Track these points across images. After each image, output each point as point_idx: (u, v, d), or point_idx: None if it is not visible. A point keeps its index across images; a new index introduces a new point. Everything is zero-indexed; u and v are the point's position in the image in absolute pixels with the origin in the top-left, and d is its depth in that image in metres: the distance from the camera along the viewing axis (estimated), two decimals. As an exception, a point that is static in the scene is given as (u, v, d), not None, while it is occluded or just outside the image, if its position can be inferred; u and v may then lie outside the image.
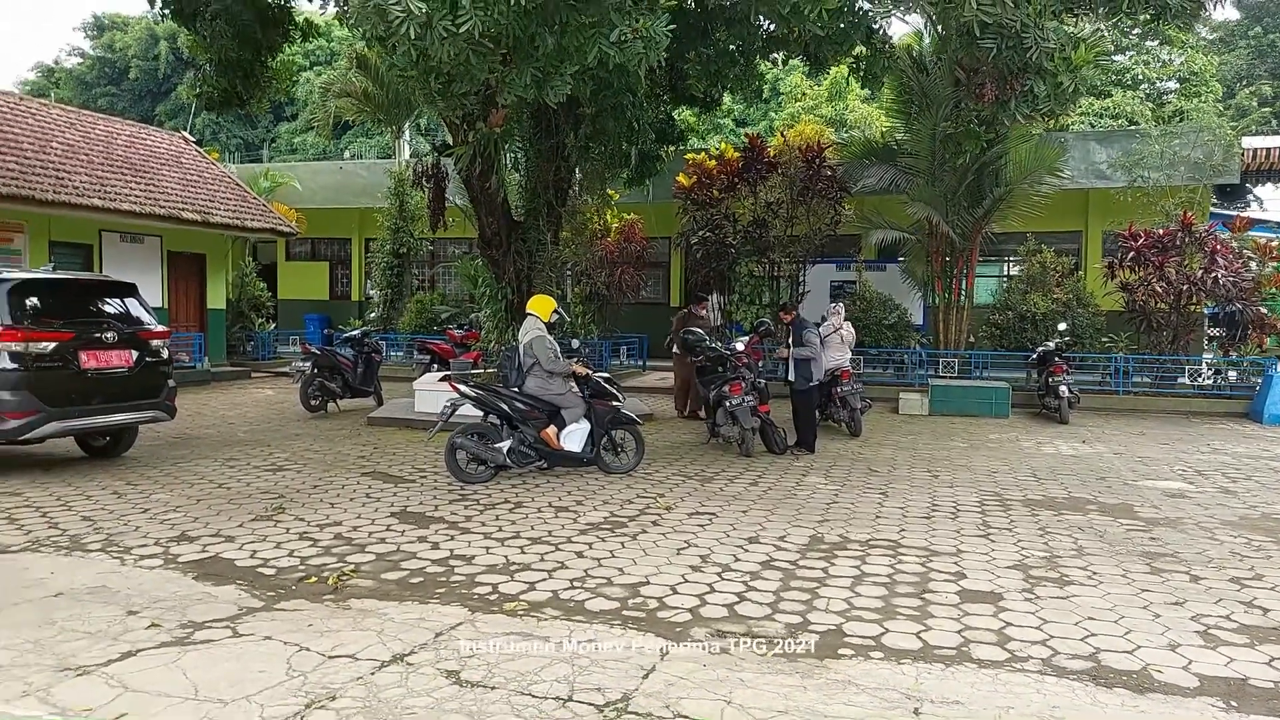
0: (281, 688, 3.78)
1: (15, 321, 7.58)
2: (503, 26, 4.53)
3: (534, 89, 5.11)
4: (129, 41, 44.13)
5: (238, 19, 9.02)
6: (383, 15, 4.22)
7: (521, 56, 4.97)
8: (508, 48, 4.84)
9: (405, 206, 19.92)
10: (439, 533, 6.40)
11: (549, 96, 5.18)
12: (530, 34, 4.72)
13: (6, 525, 6.37)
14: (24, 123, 15.16)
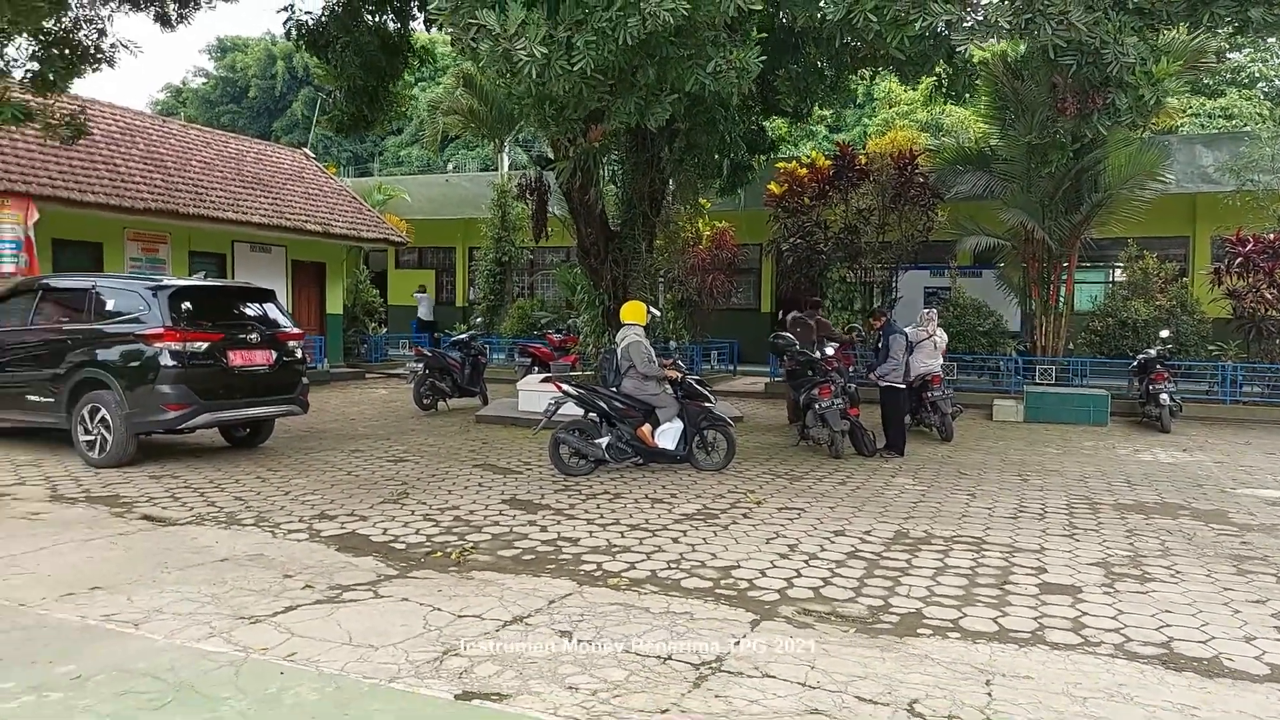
0: (421, 639, 4.38)
1: (174, 324, 8.53)
2: (610, 62, 5.06)
3: (637, 115, 5.62)
4: (249, 62, 47.03)
5: (365, 49, 9.90)
6: (508, 59, 4.80)
7: (625, 87, 5.48)
8: (614, 79, 5.36)
9: (507, 217, 20.85)
10: (546, 518, 6.98)
11: (650, 121, 5.67)
12: (634, 67, 5.23)
13: (172, 503, 7.25)
14: (168, 143, 16.65)
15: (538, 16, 4.79)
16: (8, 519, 6.56)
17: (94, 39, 8.75)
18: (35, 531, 6.21)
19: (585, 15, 4.82)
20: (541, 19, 4.79)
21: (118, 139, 15.33)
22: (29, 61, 8.80)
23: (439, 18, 5.05)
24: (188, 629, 4.42)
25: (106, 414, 8.47)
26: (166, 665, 3.95)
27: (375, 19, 10.50)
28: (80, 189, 13.11)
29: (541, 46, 4.73)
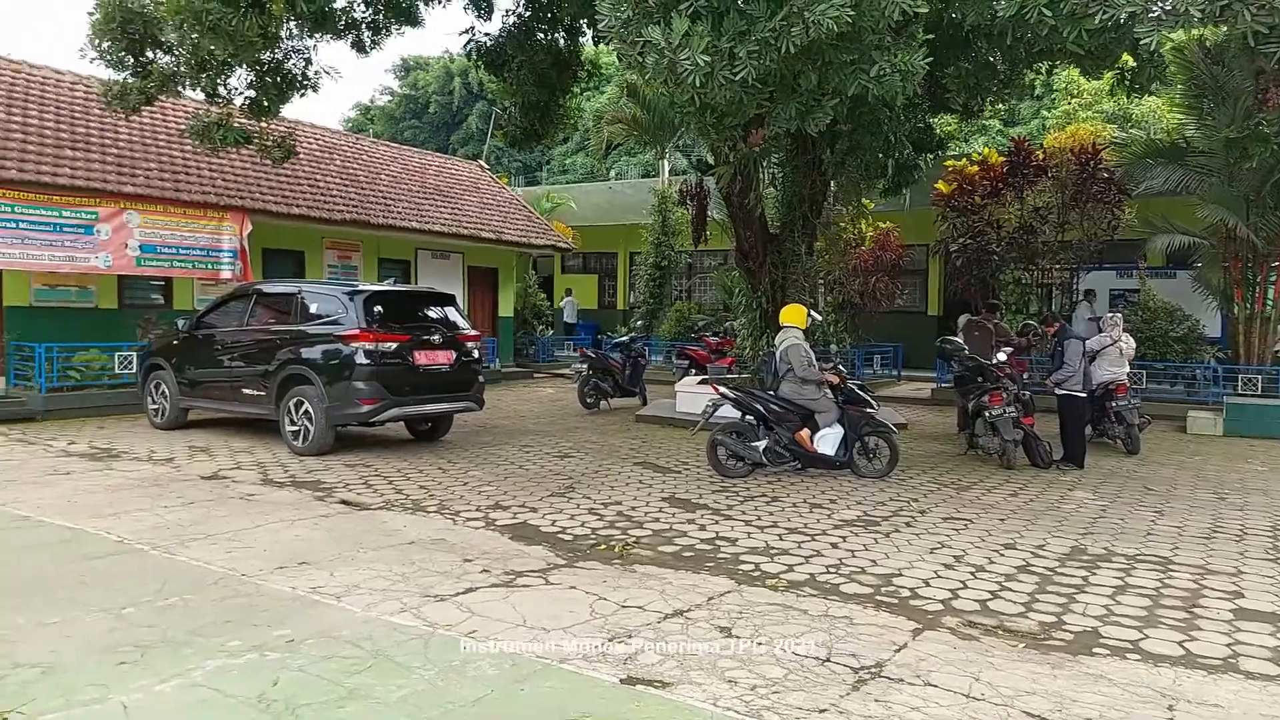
0: (588, 624, 4.63)
1: (368, 326, 9.31)
2: (771, 69, 5.14)
3: (797, 120, 5.66)
4: (429, 80, 50.05)
5: (538, 66, 10.44)
6: (673, 70, 4.99)
7: (786, 93, 5.54)
8: (774, 86, 5.43)
9: (667, 221, 21.21)
10: (705, 517, 7.13)
11: (810, 126, 5.70)
12: (795, 73, 5.29)
13: (365, 489, 7.93)
14: (360, 159, 18.08)
15: (702, 29, 4.94)
16: (229, 499, 7.39)
17: (301, 67, 9.75)
18: (250, 511, 6.98)
19: (749, 26, 4.93)
20: (706, 31, 4.94)
21: (318, 156, 16.80)
22: (247, 90, 9.90)
23: (609, 34, 5.30)
24: (382, 604, 4.86)
25: (309, 407, 9.35)
26: (365, 635, 4.38)
27: (548, 37, 11.04)
28: (286, 203, 14.48)
29: (705, 56, 4.88)
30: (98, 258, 11.74)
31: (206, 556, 5.67)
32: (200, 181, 13.46)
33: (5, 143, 11.51)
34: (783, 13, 4.80)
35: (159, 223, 12.35)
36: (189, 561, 5.56)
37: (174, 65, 9.08)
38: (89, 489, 7.58)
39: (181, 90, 10.01)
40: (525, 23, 10.85)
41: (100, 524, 6.40)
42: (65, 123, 12.79)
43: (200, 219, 12.88)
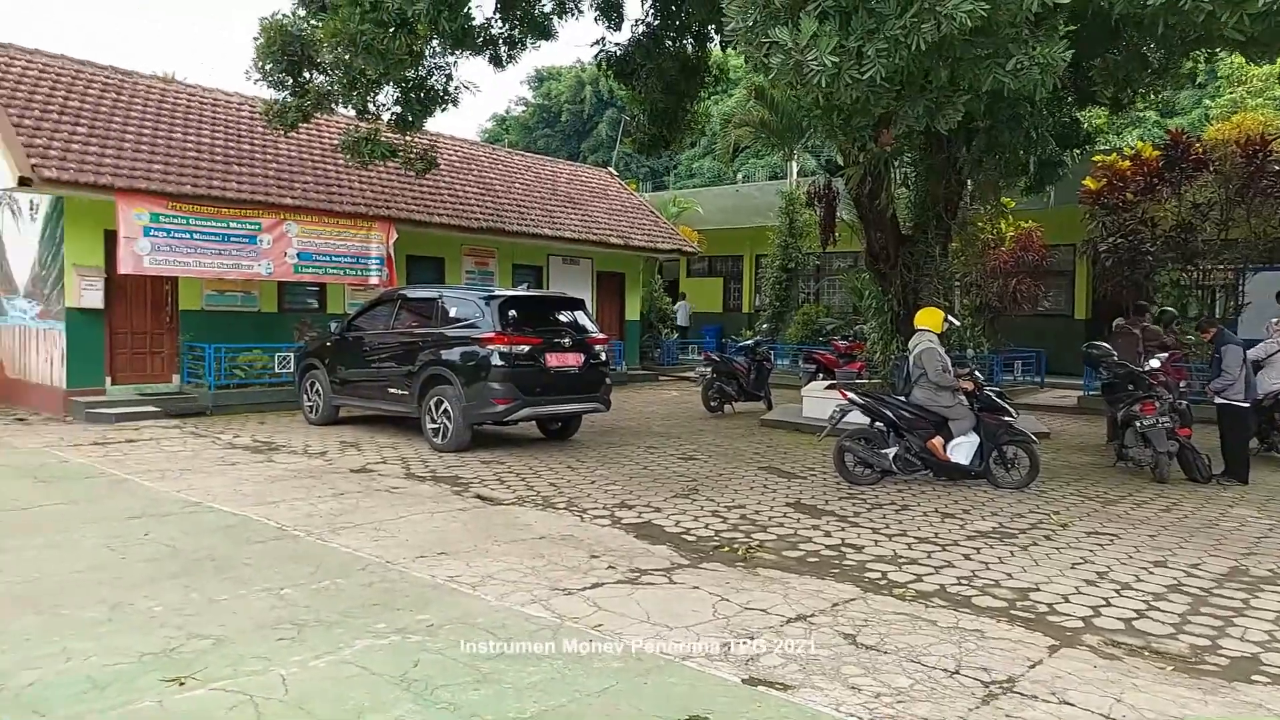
0: (710, 624, 4.69)
1: (503, 329, 9.69)
2: (900, 68, 5.05)
3: (926, 118, 5.53)
4: (562, 89, 51.34)
5: (666, 73, 10.59)
6: (799, 71, 4.98)
7: (915, 90, 5.43)
8: (902, 83, 5.33)
9: (794, 223, 20.99)
10: (830, 524, 7.05)
11: (941, 124, 5.56)
12: (925, 70, 5.17)
13: (499, 485, 8.26)
14: (496, 169, 18.79)
15: (829, 28, 4.91)
16: (375, 491, 7.86)
17: (442, 83, 10.27)
18: (395, 503, 7.40)
19: (877, 24, 4.87)
20: (833, 30, 4.91)
21: (457, 167, 17.58)
22: (393, 106, 10.51)
23: (735, 38, 5.34)
24: (513, 594, 5.08)
25: (448, 405, 9.82)
26: (498, 623, 4.59)
27: (676, 44, 11.19)
28: (428, 212, 15.23)
29: (833, 57, 4.85)
30: (260, 265, 12.71)
31: (355, 544, 6.06)
32: (351, 193, 14.34)
33: (182, 160, 12.63)
34: (914, 9, 4.71)
35: (314, 232, 13.25)
36: (339, 548, 5.96)
37: (328, 84, 9.78)
38: (252, 479, 8.22)
39: (334, 108, 10.73)
40: (654, 31, 11.03)
41: (262, 511, 6.94)
42: (233, 140, 13.91)
43: (351, 228, 13.72)
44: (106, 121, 12.46)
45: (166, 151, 12.61)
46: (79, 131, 11.89)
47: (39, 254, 12.43)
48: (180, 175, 12.24)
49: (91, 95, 12.87)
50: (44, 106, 11.98)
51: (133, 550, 5.78)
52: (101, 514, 6.73)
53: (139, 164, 11.97)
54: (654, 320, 21.67)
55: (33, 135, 11.23)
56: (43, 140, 11.28)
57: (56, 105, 12.16)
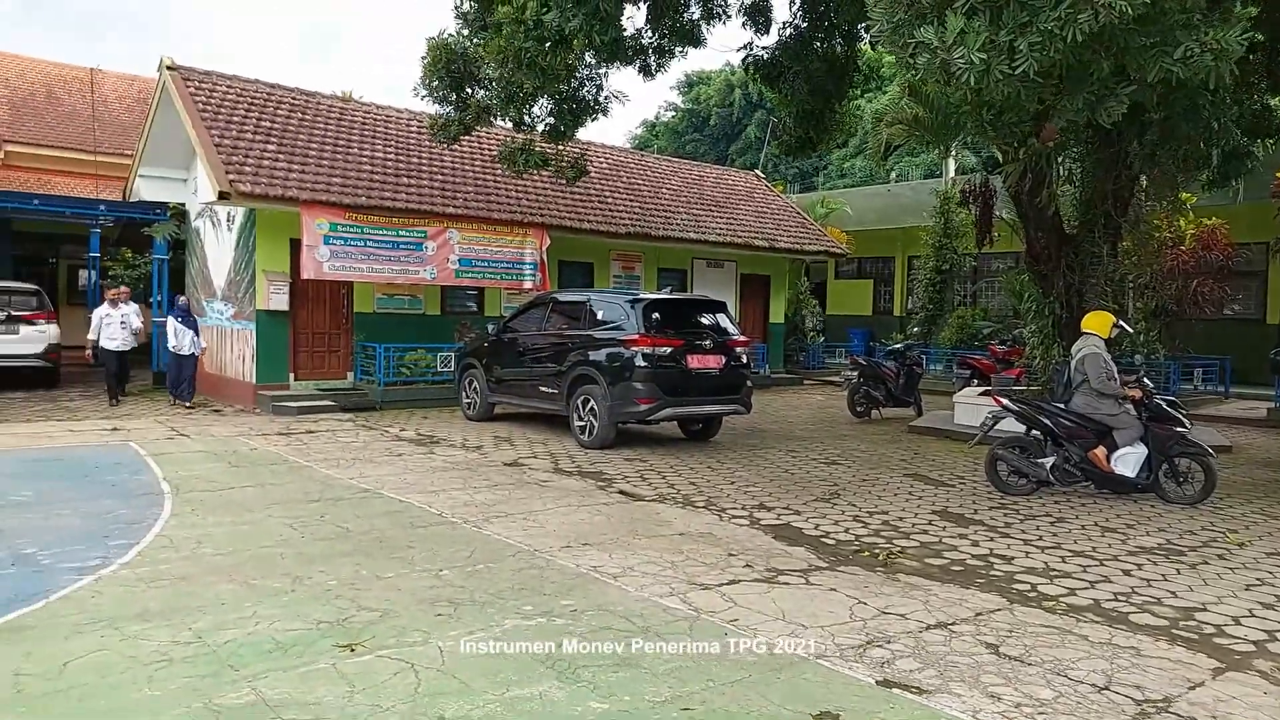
0: (846, 626, 4.69)
1: (646, 331, 9.95)
2: (1055, 61, 4.87)
3: (1086, 112, 5.29)
4: (710, 93, 51.52)
5: (814, 75, 10.54)
6: (946, 69, 4.90)
7: (1073, 83, 5.20)
8: (1058, 77, 5.12)
9: (949, 223, 20.24)
10: (978, 533, 6.84)
11: (1103, 118, 5.29)
12: (1083, 62, 4.95)
13: (641, 482, 8.49)
14: (644, 175, 19.19)
15: (978, 24, 4.80)
16: (525, 484, 8.27)
17: (593, 94, 10.65)
18: (543, 495, 7.76)
19: (1030, 17, 4.72)
20: (983, 26, 4.80)
21: (606, 174, 18.08)
22: (546, 117, 10.99)
23: (880, 38, 5.31)
24: (652, 586, 5.26)
25: (594, 404, 10.17)
26: (636, 612, 4.78)
27: (824, 45, 11.10)
28: (579, 219, 15.76)
29: (981, 53, 4.74)
30: (425, 270, 13.57)
31: (506, 532, 6.42)
32: (508, 202, 15.05)
33: (358, 174, 13.67)
34: (1069, 1, 4.55)
35: (474, 239, 14.01)
36: (492, 535, 6.34)
37: (487, 99, 10.36)
38: (415, 469, 8.83)
39: (493, 120, 11.33)
40: (802, 33, 10.99)
41: (423, 499, 7.46)
42: (402, 154, 14.91)
43: (508, 235, 14.41)
44: (293, 139, 13.67)
45: (344, 166, 13.70)
46: (269, 149, 13.10)
47: (234, 261, 13.77)
48: (356, 188, 13.25)
49: (280, 115, 14.14)
50: (240, 127, 13.28)
51: (311, 530, 6.37)
52: (285, 497, 7.43)
53: (320, 178, 13.07)
54: (800, 323, 21.45)
55: (230, 154, 12.48)
56: (239, 158, 12.51)
57: (251, 125, 13.44)
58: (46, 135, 21.17)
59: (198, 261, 15.30)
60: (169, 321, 13.17)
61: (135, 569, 5.34)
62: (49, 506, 6.84)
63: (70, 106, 22.47)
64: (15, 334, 14.24)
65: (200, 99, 13.34)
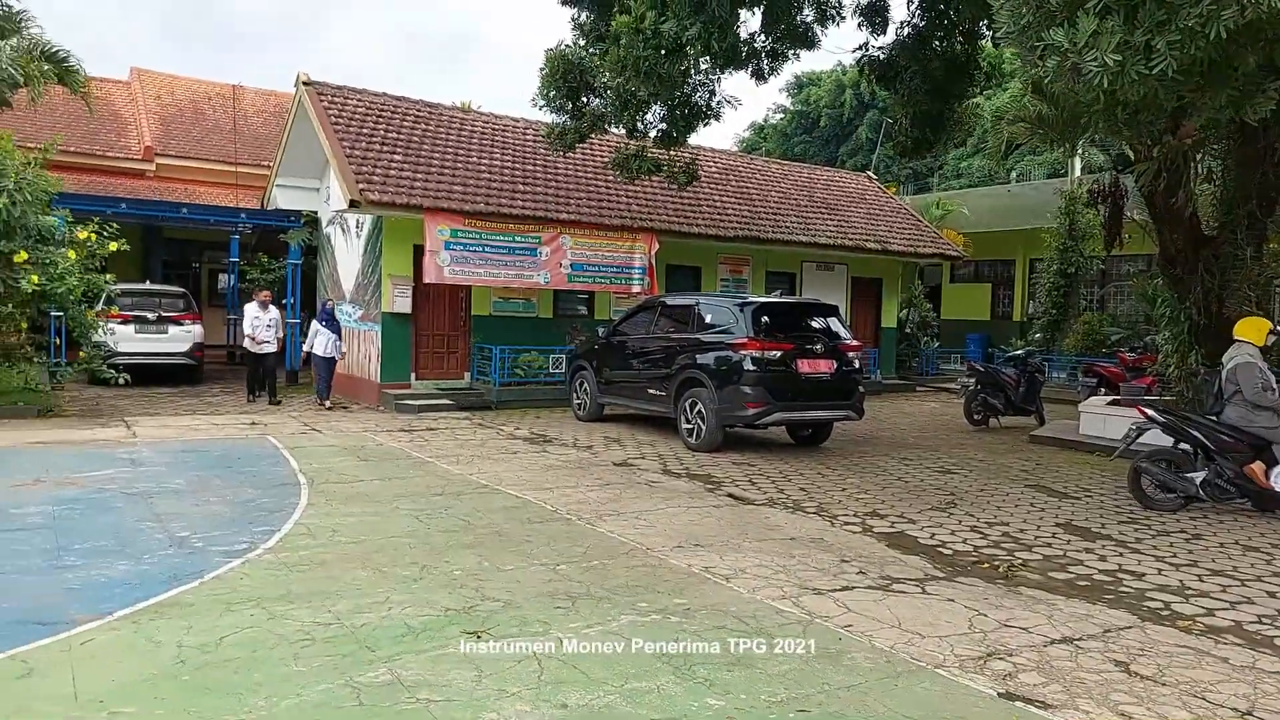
0: (965, 637, 4.61)
1: (755, 335, 9.95)
2: (1196, 58, 4.65)
3: (1230, 109, 5.02)
4: (821, 94, 50.83)
5: (933, 74, 10.31)
6: (1077, 71, 4.75)
7: (1215, 80, 4.94)
8: (1199, 74, 4.88)
9: (1075, 225, 19.35)
10: (1106, 548, 6.57)
11: (1248, 115, 5.01)
12: (1226, 57, 4.70)
13: (749, 486, 8.51)
14: (753, 178, 19.15)
15: (1112, 25, 4.64)
16: (636, 484, 8.41)
17: (706, 99, 10.74)
18: (654, 496, 7.88)
19: (1168, 15, 4.53)
20: (1116, 26, 4.63)
21: (715, 178, 18.13)
22: (659, 124, 11.15)
23: (1007, 40, 5.19)
24: (764, 589, 5.29)
25: (702, 407, 10.23)
26: (750, 613, 4.83)
27: (944, 44, 10.85)
28: (688, 223, 15.88)
29: (1115, 54, 4.58)
30: (539, 275, 13.95)
31: (619, 530, 6.57)
32: (618, 207, 15.31)
33: (477, 181, 14.18)
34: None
35: (586, 244, 14.31)
36: (605, 533, 6.50)
37: (602, 107, 10.59)
38: (530, 466, 9.11)
39: (607, 129, 11.57)
40: (920, 32, 10.77)
41: (539, 495, 7.70)
42: (518, 162, 15.37)
43: (618, 240, 14.65)
44: (417, 149, 14.29)
45: (465, 174, 14.23)
46: (395, 159, 13.74)
47: (362, 265, 14.50)
48: (475, 195, 13.75)
49: (405, 127, 14.81)
50: (369, 138, 13.98)
51: (435, 522, 6.68)
52: (410, 490, 7.81)
53: (442, 186, 13.62)
54: (913, 328, 20.93)
55: (360, 164, 13.15)
56: (368, 168, 13.18)
57: (379, 137, 14.13)
58: (193, 148, 22.78)
59: (328, 266, 16.16)
60: (315, 325, 13.51)
61: (278, 554, 5.73)
62: (199, 494, 7.40)
63: (213, 121, 24.08)
64: (165, 333, 15.38)
65: (333, 112, 14.11)
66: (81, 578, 5.13)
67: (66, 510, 6.67)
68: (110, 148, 21.31)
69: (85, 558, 5.52)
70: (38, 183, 11.06)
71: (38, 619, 4.44)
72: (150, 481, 7.80)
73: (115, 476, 7.98)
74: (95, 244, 12.05)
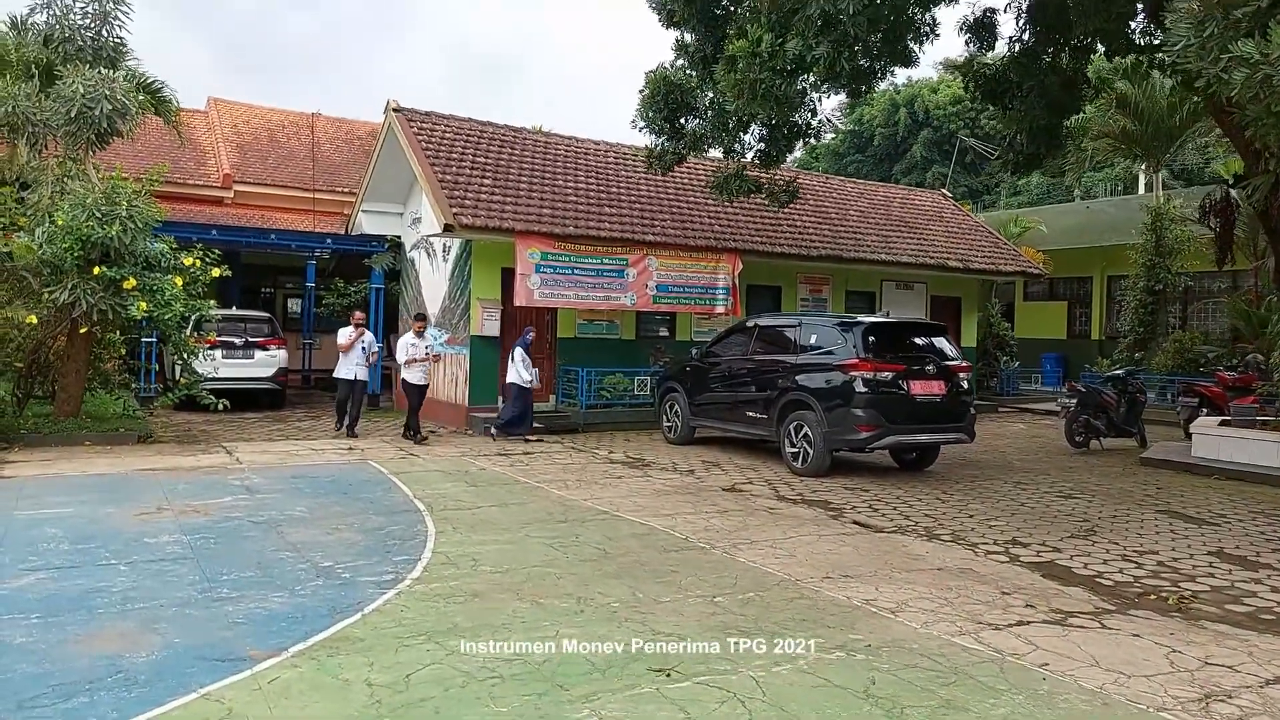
0: (1172, 676, 4.38)
1: (865, 356, 9.75)
2: None
3: None
4: (874, 113, 50.47)
5: (1049, 89, 10.11)
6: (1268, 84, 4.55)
7: None
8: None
9: (1162, 241, 18.84)
10: (1272, 578, 6.27)
11: None
12: None
13: (872, 513, 8.30)
14: (830, 197, 18.97)
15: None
16: (755, 510, 8.25)
17: (807, 119, 10.64)
18: (779, 523, 7.71)
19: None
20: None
21: (792, 198, 17.97)
22: (756, 144, 11.07)
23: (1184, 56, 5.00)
24: (937, 624, 5.09)
25: (808, 430, 10.04)
26: (935, 651, 4.64)
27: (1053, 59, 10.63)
28: (770, 243, 15.75)
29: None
30: (626, 297, 13.91)
31: (759, 560, 6.41)
32: (702, 228, 15.24)
33: (565, 204, 14.22)
34: None
35: (671, 265, 14.25)
36: (746, 562, 6.34)
37: (702, 128, 10.54)
38: (640, 491, 8.99)
39: (706, 150, 11.52)
40: (1030, 47, 10.57)
41: (662, 522, 7.57)
42: (602, 185, 15.39)
43: (702, 260, 14.57)
44: (504, 173, 14.39)
45: (551, 197, 14.28)
46: (485, 183, 13.84)
47: (449, 289, 14.59)
48: (564, 218, 13.79)
49: (492, 151, 14.93)
50: (459, 163, 14.10)
51: (571, 550, 6.58)
52: (531, 516, 7.73)
53: (531, 209, 13.68)
54: (991, 347, 20.50)
55: (453, 189, 13.26)
56: (460, 193, 13.28)
57: (468, 162, 14.25)
58: (269, 175, 23.28)
59: (412, 290, 16.30)
60: (516, 352, 12.37)
61: (428, 584, 5.67)
62: (326, 522, 7.39)
63: (288, 149, 24.61)
64: (251, 358, 15.60)
65: (423, 138, 14.27)
66: (243, 611, 5.10)
67: (201, 540, 6.69)
68: (191, 175, 21.84)
69: (238, 589, 5.51)
70: (147, 210, 11.30)
71: (215, 655, 4.41)
72: (273, 509, 7.82)
73: (236, 504, 8.03)
74: (199, 270, 12.27)
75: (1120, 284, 21.62)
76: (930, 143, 47.15)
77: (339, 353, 12.81)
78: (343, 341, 12.65)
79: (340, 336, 12.80)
